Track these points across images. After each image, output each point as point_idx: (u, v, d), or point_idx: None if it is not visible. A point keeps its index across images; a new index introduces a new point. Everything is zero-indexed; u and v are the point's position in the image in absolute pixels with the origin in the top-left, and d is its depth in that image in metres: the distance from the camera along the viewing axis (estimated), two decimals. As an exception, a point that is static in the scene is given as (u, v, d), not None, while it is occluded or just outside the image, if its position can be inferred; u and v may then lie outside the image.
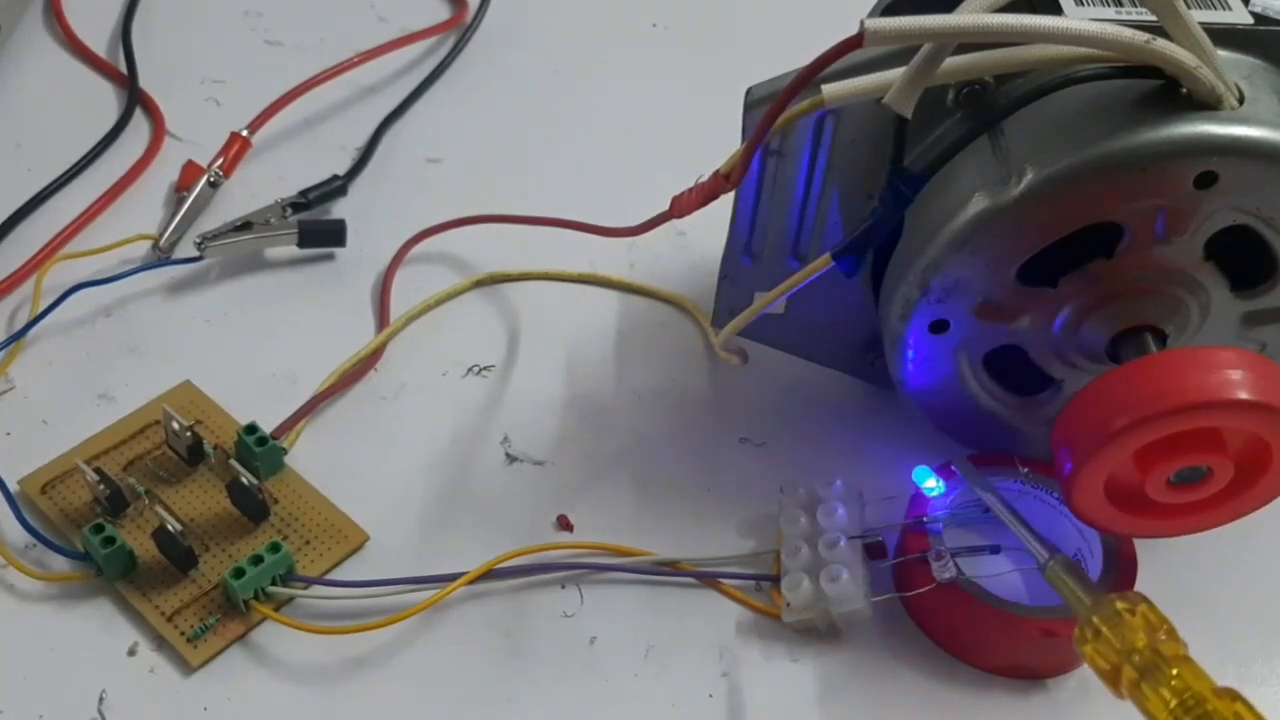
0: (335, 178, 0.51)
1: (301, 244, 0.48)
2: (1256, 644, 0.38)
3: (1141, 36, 0.31)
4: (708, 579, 0.38)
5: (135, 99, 0.56)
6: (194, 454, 0.40)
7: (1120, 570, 0.36)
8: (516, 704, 0.36)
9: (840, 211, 0.38)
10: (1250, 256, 0.35)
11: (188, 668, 0.36)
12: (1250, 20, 0.34)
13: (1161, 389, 0.31)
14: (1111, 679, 0.28)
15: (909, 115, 0.32)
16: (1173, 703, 0.26)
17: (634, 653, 0.37)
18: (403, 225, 0.49)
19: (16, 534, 0.38)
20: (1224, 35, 0.33)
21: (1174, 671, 0.27)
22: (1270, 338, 0.37)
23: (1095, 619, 0.30)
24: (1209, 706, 0.25)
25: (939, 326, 0.36)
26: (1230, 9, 0.35)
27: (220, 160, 0.52)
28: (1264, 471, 0.33)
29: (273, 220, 0.49)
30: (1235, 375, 0.31)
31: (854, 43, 0.30)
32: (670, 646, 0.37)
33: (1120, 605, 0.30)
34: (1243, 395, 0.31)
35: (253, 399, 0.43)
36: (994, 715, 0.36)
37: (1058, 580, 0.32)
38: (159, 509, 0.38)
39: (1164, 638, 0.28)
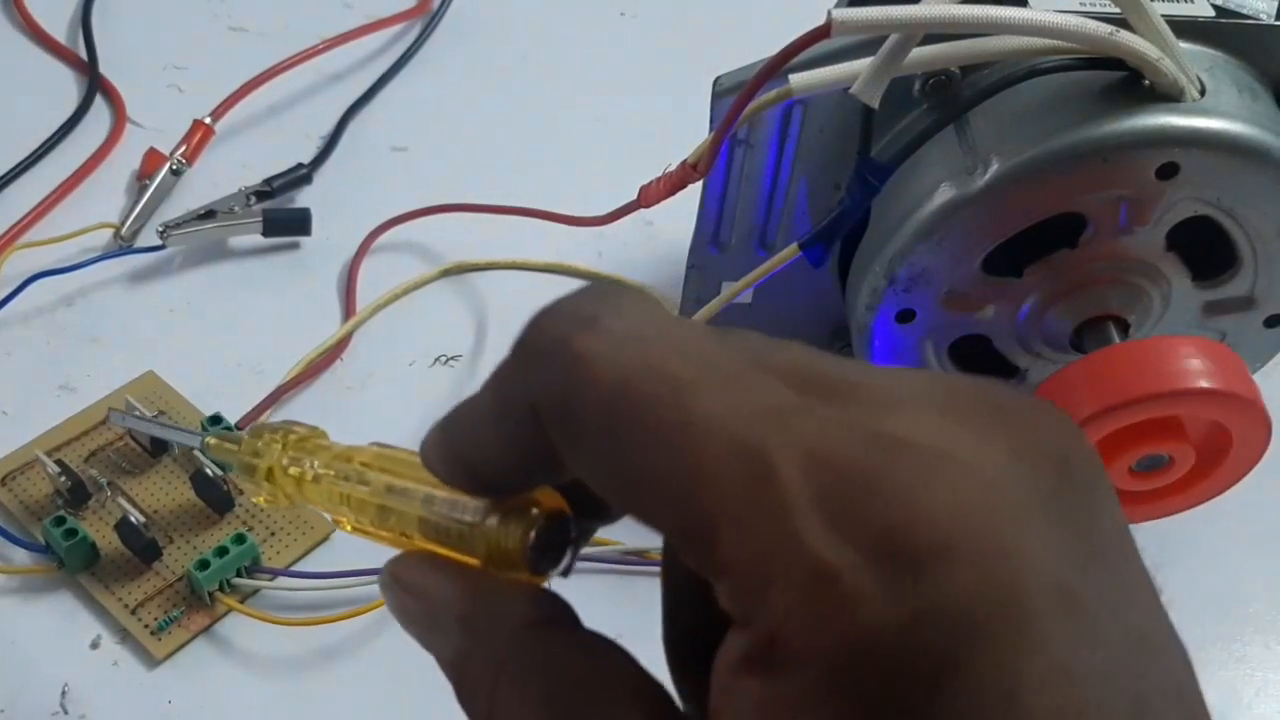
0: (300, 166, 0.51)
1: (266, 233, 0.48)
2: (1213, 629, 0.38)
3: (1105, 28, 0.31)
4: (676, 568, 0.38)
5: (96, 85, 0.55)
6: (157, 445, 0.40)
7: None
8: (485, 694, 0.36)
9: (807, 201, 0.38)
10: (1211, 247, 0.36)
11: (152, 660, 0.35)
12: (1212, 13, 0.35)
13: (1124, 379, 0.32)
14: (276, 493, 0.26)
15: (876, 105, 0.32)
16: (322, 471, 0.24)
17: (602, 642, 0.37)
18: (369, 214, 0.49)
19: (-24, 526, 0.37)
20: (1186, 27, 0.34)
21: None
22: (1230, 327, 0.38)
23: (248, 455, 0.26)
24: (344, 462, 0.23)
25: (905, 316, 0.37)
26: (1192, 2, 0.35)
27: (183, 148, 0.51)
28: (1223, 459, 0.34)
29: (237, 209, 0.48)
30: (1196, 364, 0.32)
31: (821, 33, 0.30)
32: (639, 635, 0.37)
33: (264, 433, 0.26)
34: (1204, 384, 0.31)
35: (217, 389, 0.42)
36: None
37: (219, 450, 0.30)
38: (121, 500, 0.37)
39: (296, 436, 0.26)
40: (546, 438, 0.17)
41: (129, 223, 0.48)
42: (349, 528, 0.23)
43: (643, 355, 0.16)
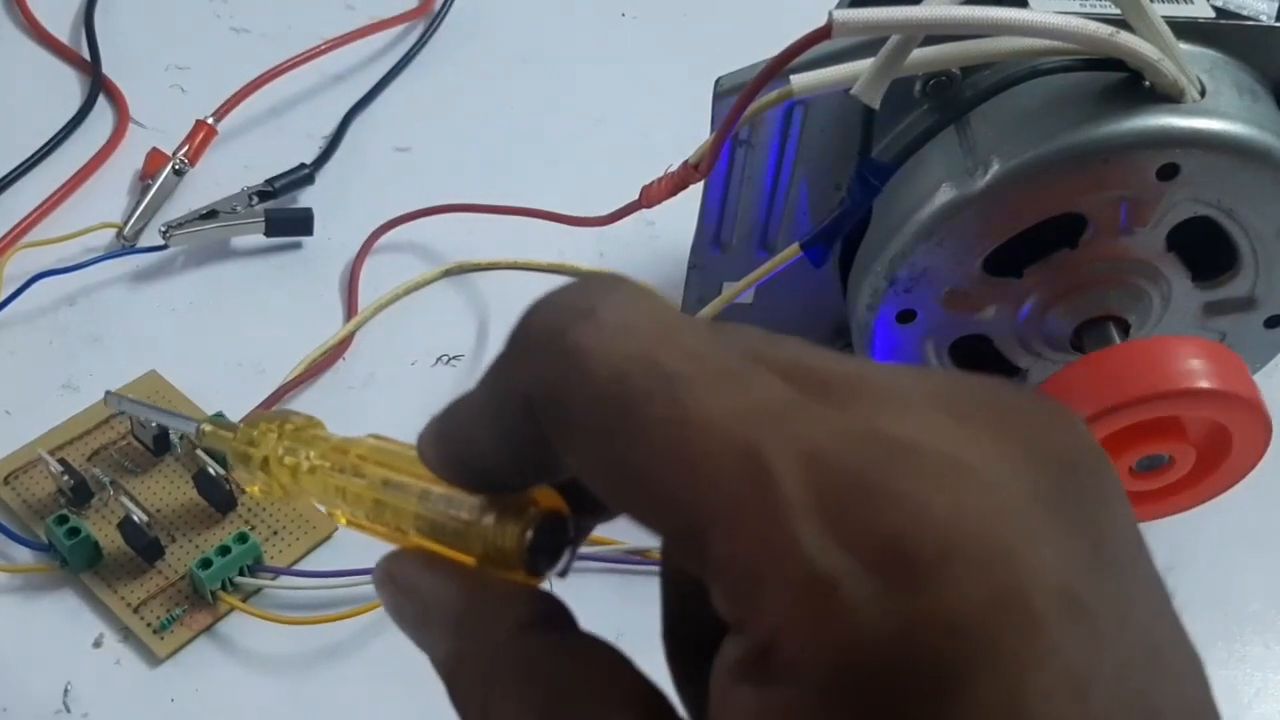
0: (302, 166, 0.51)
1: (268, 233, 0.48)
2: (1215, 628, 0.38)
3: (1105, 29, 0.31)
4: (677, 567, 0.39)
5: (99, 86, 0.55)
6: (160, 444, 0.40)
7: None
8: (486, 693, 0.36)
9: (809, 202, 0.38)
10: (1211, 248, 0.36)
11: (154, 659, 0.36)
12: (1212, 14, 0.35)
13: (1125, 379, 0.32)
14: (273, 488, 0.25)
15: (877, 106, 0.32)
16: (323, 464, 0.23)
17: (603, 641, 0.37)
18: (371, 214, 0.49)
19: (-21, 525, 0.38)
20: (1186, 29, 0.34)
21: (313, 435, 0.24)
22: (1230, 327, 0.38)
23: (237, 444, 0.25)
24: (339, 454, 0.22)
25: (906, 316, 0.37)
26: (1192, 3, 0.35)
27: (185, 148, 0.51)
28: (1223, 459, 0.34)
29: (239, 209, 0.48)
30: (1196, 365, 0.32)
31: (822, 34, 0.31)
32: (641, 634, 0.37)
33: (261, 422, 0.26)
34: (1203, 384, 0.31)
35: (219, 389, 0.43)
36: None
37: (214, 438, 0.28)
38: (124, 499, 0.37)
39: (293, 426, 0.25)
40: (541, 433, 0.16)
41: (131, 222, 0.48)
42: (344, 521, 0.23)
43: (637, 348, 0.15)
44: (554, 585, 0.37)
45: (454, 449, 0.19)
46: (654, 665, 0.40)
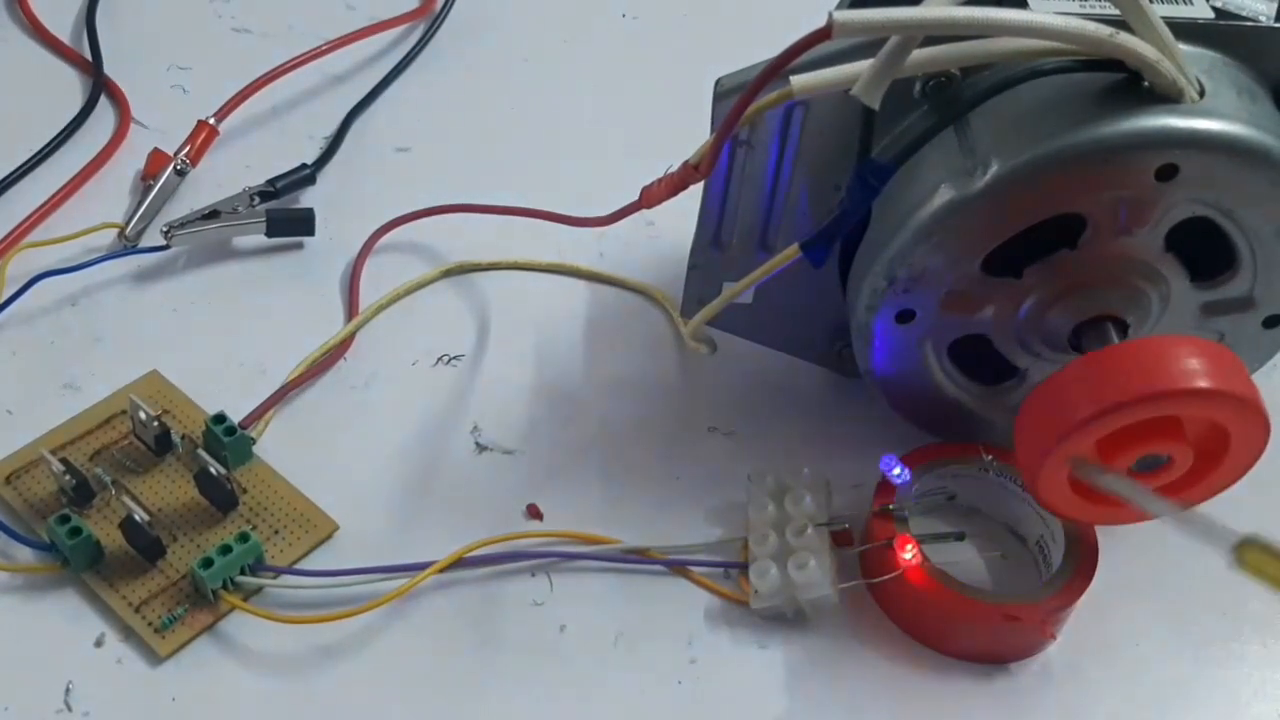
0: (304, 166, 0.51)
1: (270, 233, 0.48)
2: (1214, 628, 0.38)
3: (1105, 30, 0.31)
4: (676, 566, 0.39)
5: (100, 86, 0.55)
6: (161, 444, 0.40)
7: (1082, 556, 0.37)
8: (487, 692, 0.36)
9: (808, 202, 0.38)
10: (1210, 248, 0.36)
11: (156, 658, 0.36)
12: (1211, 15, 0.35)
13: (1123, 379, 0.32)
14: None
15: (876, 107, 0.32)
16: None
17: (603, 640, 0.37)
18: (372, 214, 0.49)
19: (-19, 525, 0.38)
20: (1186, 29, 0.34)
21: None
22: (1228, 327, 0.38)
23: None
24: None
25: (905, 316, 0.37)
26: (1192, 4, 0.35)
27: (187, 148, 0.51)
28: (1222, 458, 0.34)
29: (240, 209, 0.49)
30: (1195, 365, 0.32)
31: (822, 34, 0.31)
32: (640, 633, 0.37)
33: None
34: (1202, 384, 0.31)
35: (221, 388, 0.43)
36: (958, 699, 0.36)
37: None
38: (126, 499, 0.37)
39: None
40: None
41: (133, 223, 0.48)
42: None
43: None
44: (553, 589, 0.37)
45: None
46: (653, 663, 0.41)
